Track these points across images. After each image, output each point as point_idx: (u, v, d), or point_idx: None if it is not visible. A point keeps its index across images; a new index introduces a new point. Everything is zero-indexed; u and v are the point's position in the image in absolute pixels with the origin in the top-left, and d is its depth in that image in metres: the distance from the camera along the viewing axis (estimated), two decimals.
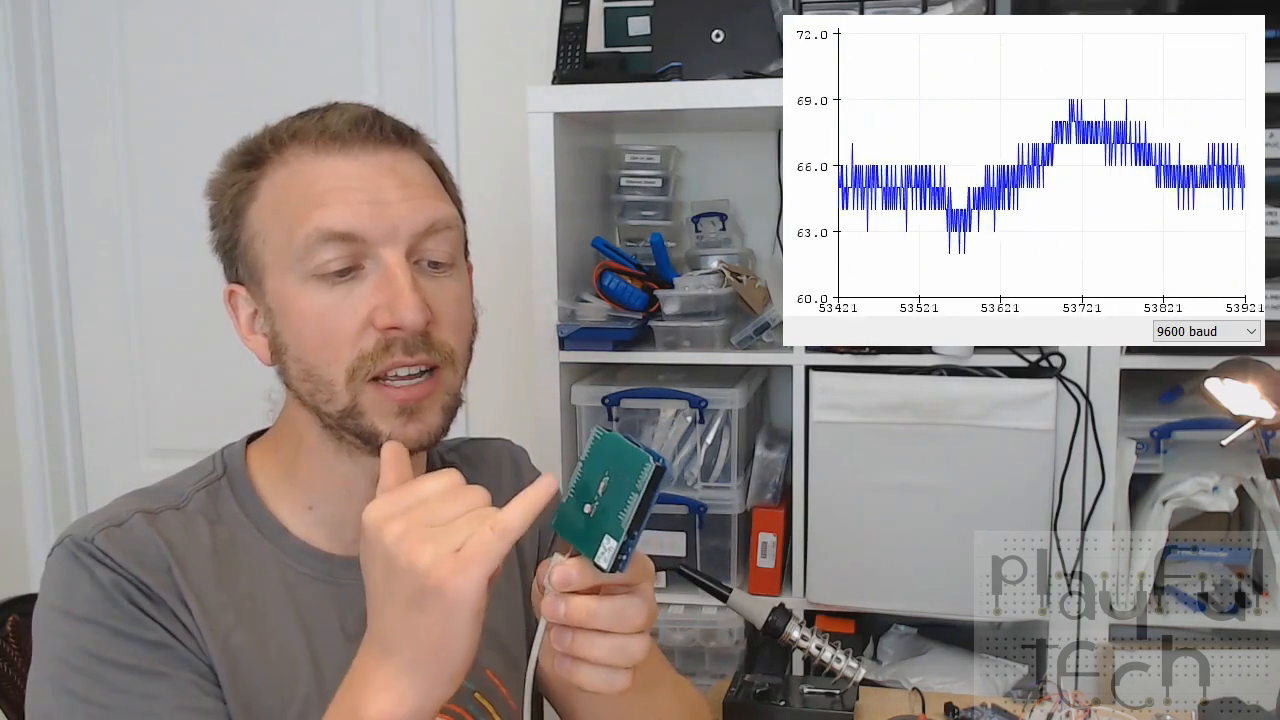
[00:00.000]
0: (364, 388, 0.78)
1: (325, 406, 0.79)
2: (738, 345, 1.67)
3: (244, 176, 0.82)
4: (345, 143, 0.79)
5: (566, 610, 0.65)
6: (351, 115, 0.80)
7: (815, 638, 1.14)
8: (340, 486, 0.85)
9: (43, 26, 2.15)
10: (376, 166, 0.80)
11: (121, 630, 0.76)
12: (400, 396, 0.78)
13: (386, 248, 0.78)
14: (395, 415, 0.78)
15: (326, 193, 0.78)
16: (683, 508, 1.67)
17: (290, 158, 0.80)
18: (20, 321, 2.19)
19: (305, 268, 0.78)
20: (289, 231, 0.78)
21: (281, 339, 0.81)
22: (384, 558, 0.64)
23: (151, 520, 0.81)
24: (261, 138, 0.83)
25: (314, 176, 0.79)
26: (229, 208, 0.82)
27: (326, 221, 0.77)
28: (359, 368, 0.78)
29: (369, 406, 0.78)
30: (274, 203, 0.80)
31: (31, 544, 2.24)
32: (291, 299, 0.79)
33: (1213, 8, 0.91)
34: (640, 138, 1.90)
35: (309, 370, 0.79)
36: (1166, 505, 1.54)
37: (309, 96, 0.87)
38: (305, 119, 0.82)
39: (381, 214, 0.78)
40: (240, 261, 0.83)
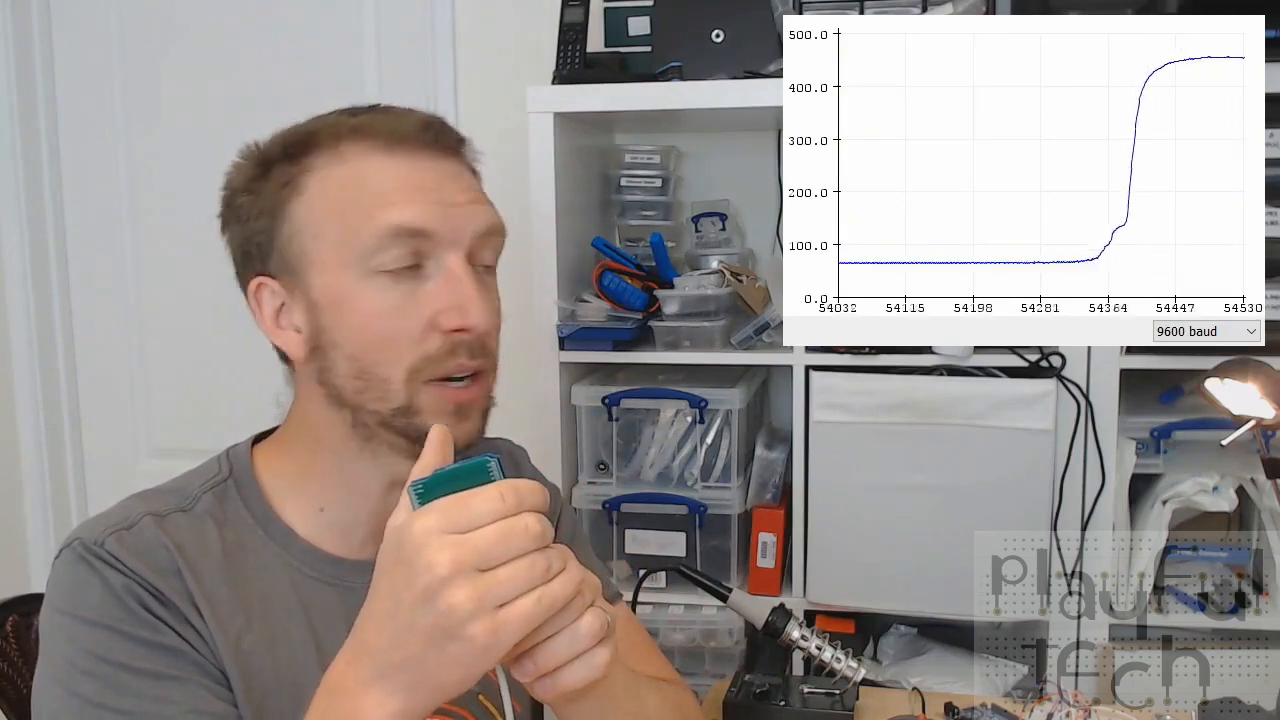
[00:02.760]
0: (421, 388, 0.79)
1: (376, 405, 0.79)
2: (738, 345, 1.67)
3: (286, 171, 0.81)
4: (414, 145, 0.81)
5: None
6: (419, 119, 0.82)
7: (815, 638, 1.14)
8: (354, 488, 0.85)
9: (43, 26, 2.15)
10: (443, 170, 0.81)
11: (133, 634, 0.75)
12: (458, 398, 0.80)
13: (450, 249, 0.79)
14: (449, 415, 0.79)
15: (396, 191, 0.79)
16: (683, 508, 1.67)
17: (350, 155, 0.80)
18: (20, 321, 2.19)
19: (369, 264, 0.78)
20: (352, 227, 0.78)
21: (330, 335, 0.80)
22: (420, 588, 0.59)
23: (160, 523, 0.80)
24: (307, 132, 0.82)
25: (383, 175, 0.79)
26: (267, 201, 0.81)
27: (398, 218, 0.78)
28: (421, 368, 0.79)
29: (425, 406, 0.79)
30: (332, 198, 0.80)
31: (31, 544, 2.24)
32: (349, 295, 0.79)
33: (1213, 8, 0.91)
34: (640, 138, 1.90)
35: (365, 368, 0.79)
36: (1166, 505, 1.54)
37: (309, 96, 0.87)
38: (363, 116, 0.82)
39: (449, 215, 0.79)
40: (275, 255, 0.81)
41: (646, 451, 1.70)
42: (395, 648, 0.61)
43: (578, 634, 0.62)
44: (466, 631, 0.58)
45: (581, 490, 1.70)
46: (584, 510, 1.69)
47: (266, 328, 0.83)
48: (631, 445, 1.71)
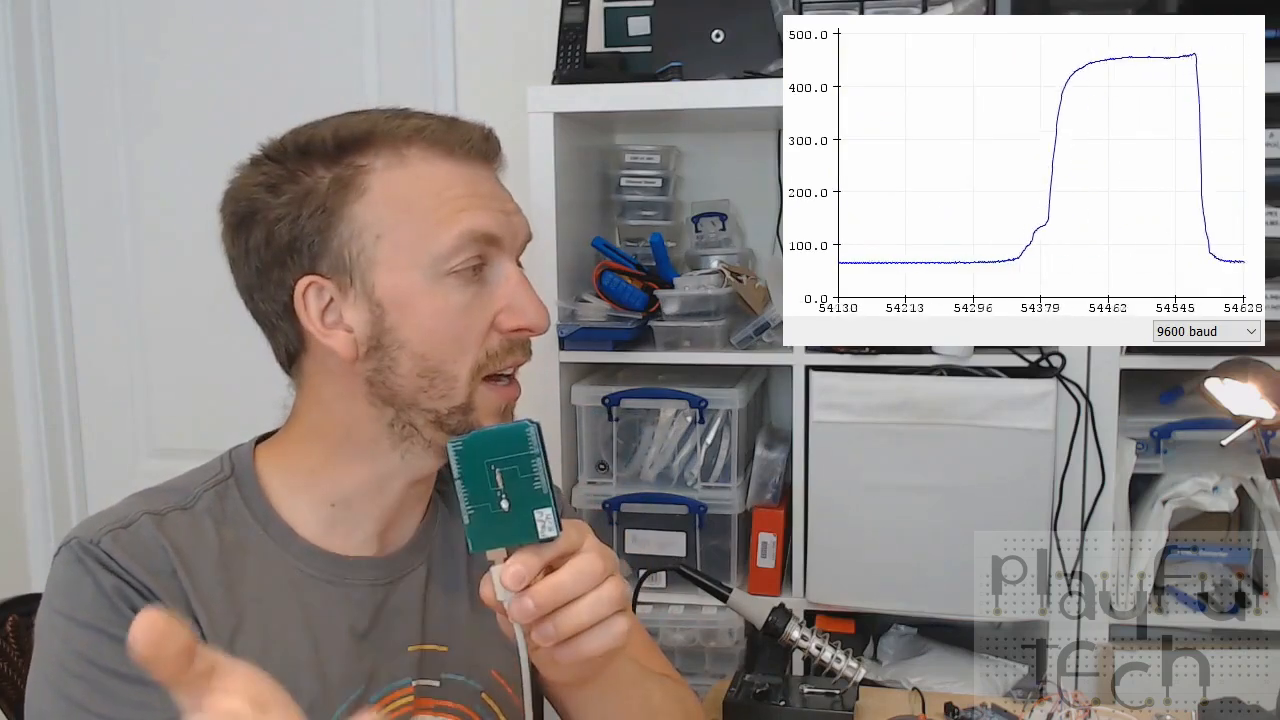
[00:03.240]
0: (479, 385, 0.82)
1: (434, 403, 0.82)
2: (738, 345, 1.67)
3: (338, 171, 0.80)
4: (474, 153, 0.84)
5: (535, 602, 0.68)
6: (481, 129, 0.86)
7: (815, 638, 1.14)
8: (378, 485, 0.86)
9: (43, 26, 2.15)
10: (495, 180, 0.86)
11: (123, 638, 0.74)
12: (508, 395, 0.85)
13: (507, 254, 0.84)
14: (498, 413, 0.84)
15: (467, 197, 0.82)
16: (683, 508, 1.67)
17: (413, 158, 0.81)
18: (20, 321, 2.18)
19: (443, 266, 0.80)
20: (424, 230, 0.80)
21: (396, 334, 0.80)
22: None
23: (159, 522, 0.81)
24: (364, 132, 0.81)
25: (449, 180, 0.82)
26: (322, 201, 0.80)
27: (477, 224, 0.81)
28: (484, 365, 0.83)
29: (481, 403, 0.83)
30: (399, 199, 0.80)
31: (31, 544, 2.24)
32: (419, 296, 0.80)
33: (1213, 8, 0.91)
34: (640, 138, 1.90)
35: (433, 366, 0.81)
36: (1166, 505, 1.54)
37: (309, 96, 0.88)
38: (415, 120, 0.83)
39: (509, 222, 0.84)
40: (329, 254, 0.80)
41: (646, 451, 1.70)
42: None
43: (600, 599, 0.66)
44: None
45: (581, 490, 1.70)
46: (584, 510, 1.69)
47: (314, 328, 0.82)
48: (631, 445, 1.71)
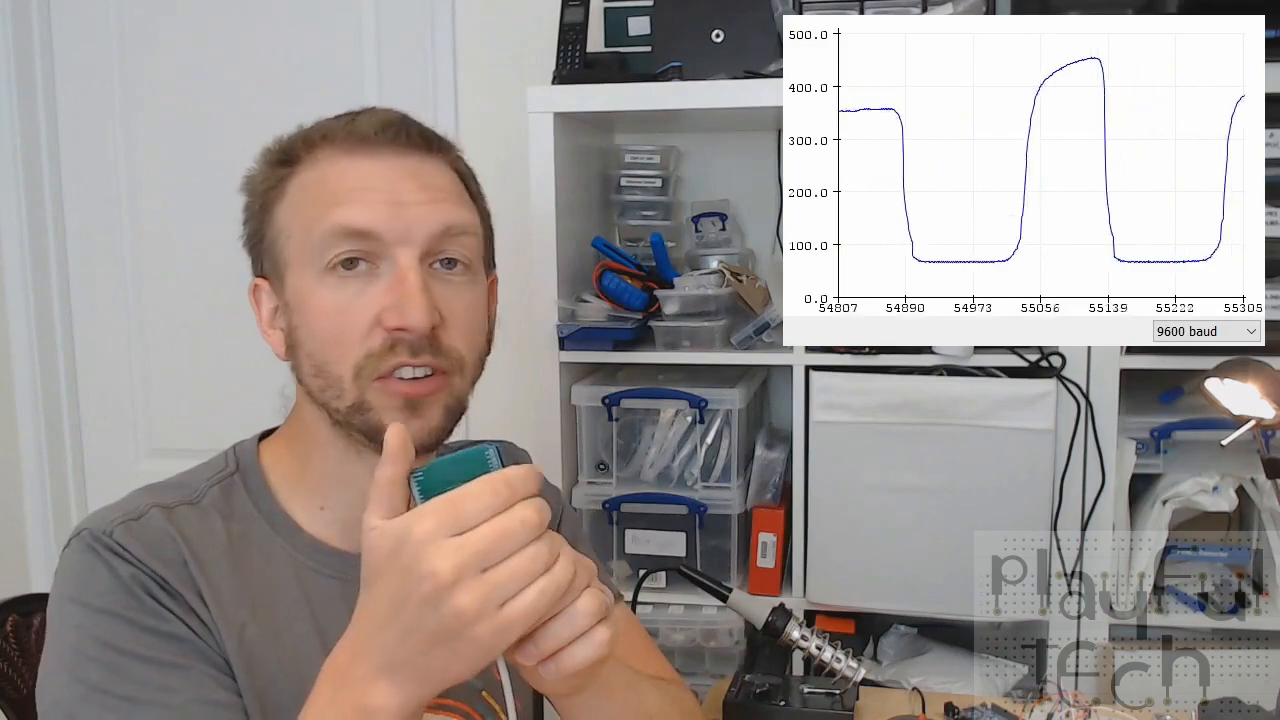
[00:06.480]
0: (370, 385, 0.79)
1: (334, 402, 0.81)
2: (738, 345, 1.67)
3: (275, 174, 0.84)
4: (371, 145, 0.82)
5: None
6: (379, 119, 0.83)
7: (815, 638, 1.14)
8: (349, 486, 0.85)
9: (43, 26, 2.15)
10: (400, 169, 0.81)
11: (139, 622, 0.76)
12: (405, 390, 0.79)
13: (401, 249, 0.79)
14: (400, 410, 0.79)
15: (348, 192, 0.80)
16: (683, 508, 1.67)
17: (320, 158, 0.83)
18: (20, 321, 2.18)
19: (320, 262, 0.80)
20: (309, 228, 0.80)
21: (297, 334, 0.82)
22: (423, 595, 0.59)
23: (168, 514, 0.82)
24: (295, 138, 0.85)
25: (338, 177, 0.81)
26: (259, 204, 0.85)
27: (344, 219, 0.79)
28: (365, 366, 0.79)
29: (376, 402, 0.79)
30: (299, 201, 0.82)
31: (31, 544, 2.24)
32: (308, 295, 0.81)
33: (1213, 8, 0.91)
34: (640, 138, 1.90)
35: (320, 366, 0.81)
36: (1166, 505, 1.55)
37: (309, 96, 0.88)
38: (336, 121, 0.84)
39: (398, 214, 0.79)
40: (266, 257, 0.85)
41: (646, 451, 1.70)
42: (400, 647, 0.61)
43: (575, 614, 0.63)
44: (473, 633, 0.59)
45: (581, 490, 1.70)
46: (584, 510, 1.69)
47: (262, 328, 0.86)
48: (631, 445, 1.71)
